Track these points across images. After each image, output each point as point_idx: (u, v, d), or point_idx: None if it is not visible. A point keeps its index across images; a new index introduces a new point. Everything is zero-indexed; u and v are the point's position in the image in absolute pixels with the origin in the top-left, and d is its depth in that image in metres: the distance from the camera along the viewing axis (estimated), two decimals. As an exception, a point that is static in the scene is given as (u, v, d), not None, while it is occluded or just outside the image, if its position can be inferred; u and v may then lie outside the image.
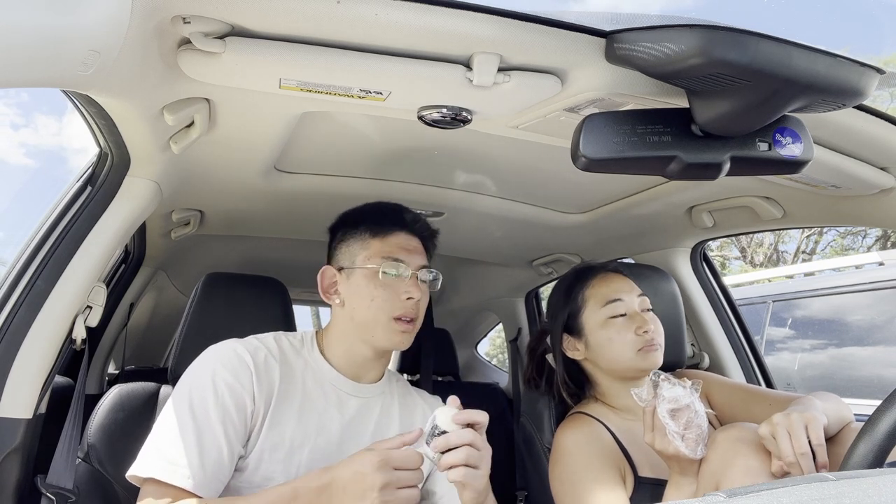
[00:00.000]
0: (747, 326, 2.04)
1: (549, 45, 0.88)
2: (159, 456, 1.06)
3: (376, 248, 1.25)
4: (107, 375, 2.42)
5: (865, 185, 1.25)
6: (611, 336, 1.40)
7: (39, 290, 1.17)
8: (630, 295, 1.44)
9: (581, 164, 0.90)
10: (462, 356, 3.19)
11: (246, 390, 1.13)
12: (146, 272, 2.23)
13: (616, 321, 1.41)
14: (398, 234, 1.27)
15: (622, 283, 1.46)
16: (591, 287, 1.47)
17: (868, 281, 4.32)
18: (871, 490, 0.56)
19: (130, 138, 1.12)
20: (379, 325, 1.21)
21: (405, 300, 1.20)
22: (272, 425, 1.15)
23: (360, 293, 1.22)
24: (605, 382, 1.46)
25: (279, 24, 0.84)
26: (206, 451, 1.07)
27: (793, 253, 13.73)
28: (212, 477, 1.06)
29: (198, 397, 1.11)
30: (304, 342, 1.29)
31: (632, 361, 1.38)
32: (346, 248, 1.29)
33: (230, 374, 1.13)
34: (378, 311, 1.20)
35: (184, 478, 1.04)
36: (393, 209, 1.32)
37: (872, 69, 0.82)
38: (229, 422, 1.10)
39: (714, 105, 0.86)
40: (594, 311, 1.44)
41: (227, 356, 1.16)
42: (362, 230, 1.28)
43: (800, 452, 1.06)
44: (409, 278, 1.22)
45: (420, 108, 1.04)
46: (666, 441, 1.15)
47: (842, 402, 1.34)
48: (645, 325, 1.38)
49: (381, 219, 1.29)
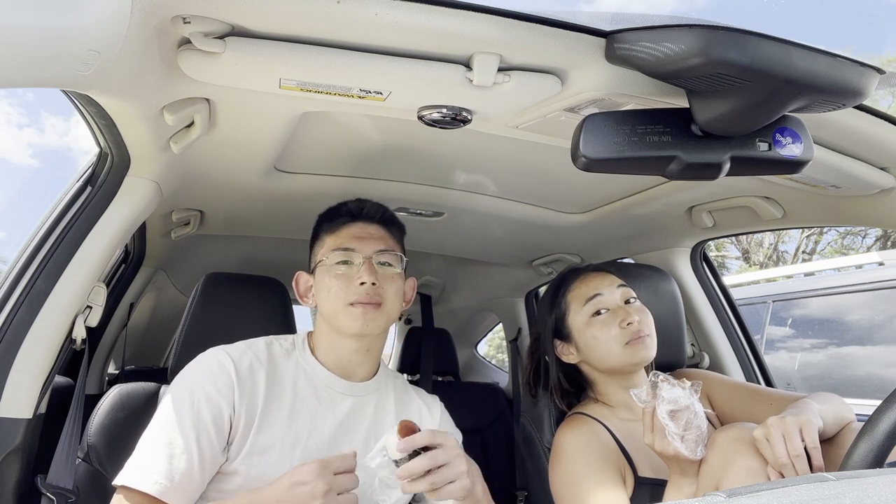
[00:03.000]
0: (747, 326, 2.04)
1: (549, 45, 0.88)
2: (133, 463, 1.09)
3: (329, 243, 1.29)
4: (107, 375, 2.42)
5: (865, 185, 1.25)
6: (595, 334, 1.40)
7: (39, 290, 1.17)
8: (610, 288, 1.43)
9: (581, 164, 0.90)
10: (462, 356, 3.20)
11: (224, 398, 1.15)
12: (146, 272, 2.23)
13: (598, 318, 1.40)
14: (349, 226, 1.30)
15: (601, 280, 1.46)
16: (572, 290, 1.47)
17: (868, 281, 4.32)
18: (871, 490, 0.56)
19: (130, 138, 1.12)
20: (340, 313, 1.23)
21: (358, 285, 1.22)
22: (261, 429, 1.16)
23: (322, 288, 1.26)
24: (602, 382, 1.46)
25: (279, 24, 0.83)
26: (175, 458, 1.09)
27: (793, 253, 13.73)
28: (179, 485, 1.08)
29: (175, 407, 1.13)
30: (296, 345, 1.31)
31: (621, 356, 1.37)
32: (312, 252, 1.35)
33: (209, 382, 1.16)
34: (335, 300, 1.23)
35: (151, 483, 1.06)
36: (342, 204, 1.35)
37: (872, 69, 0.82)
38: (203, 430, 1.12)
39: (714, 105, 0.86)
40: (577, 312, 1.44)
41: (209, 365, 1.19)
42: (320, 231, 1.34)
43: (794, 455, 1.06)
44: (362, 265, 1.24)
45: (420, 108, 1.04)
46: (665, 442, 1.15)
47: (843, 402, 1.34)
48: (628, 316, 1.37)
49: (332, 216, 1.34)
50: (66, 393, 1.35)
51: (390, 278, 1.26)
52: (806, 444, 1.08)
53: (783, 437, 1.08)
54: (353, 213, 1.32)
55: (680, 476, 1.19)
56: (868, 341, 4.28)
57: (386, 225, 1.34)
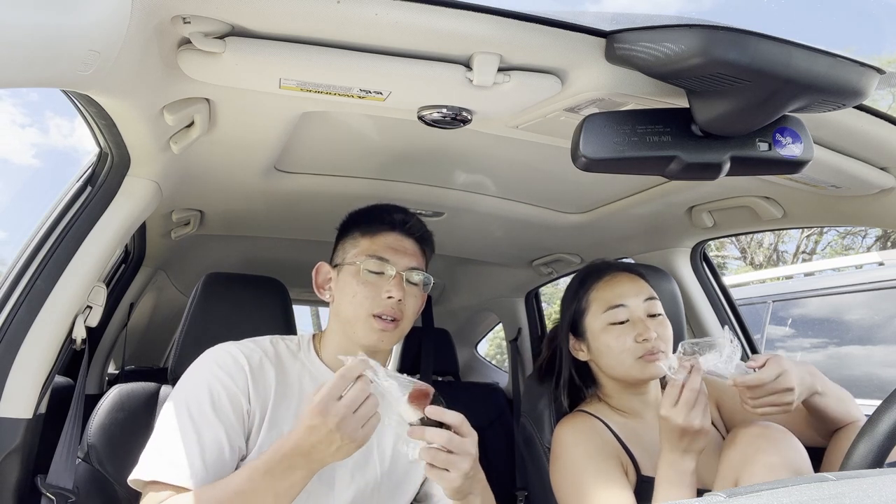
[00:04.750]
0: (747, 326, 2.04)
1: (549, 45, 0.88)
2: (161, 458, 1.07)
3: (364, 246, 1.26)
4: (107, 375, 2.42)
5: (865, 185, 1.25)
6: (609, 342, 1.36)
7: (39, 290, 1.17)
8: (636, 299, 1.37)
9: (581, 164, 0.90)
10: (462, 356, 3.19)
11: (241, 391, 1.14)
12: (146, 272, 2.23)
13: (616, 327, 1.36)
14: (388, 234, 1.27)
15: (629, 287, 1.39)
16: (596, 290, 1.42)
17: (868, 281, 4.32)
18: (871, 490, 0.56)
19: (130, 138, 1.12)
20: (359, 322, 1.21)
21: (385, 299, 1.20)
22: (271, 426, 1.16)
23: (345, 289, 1.24)
24: (610, 385, 1.44)
25: (279, 24, 0.83)
26: (206, 449, 1.07)
27: (793, 253, 13.73)
28: (214, 475, 1.07)
29: (194, 398, 1.12)
30: (301, 346, 1.30)
31: (631, 370, 1.34)
32: (341, 246, 1.32)
33: (226, 374, 1.14)
34: (358, 307, 1.21)
35: (186, 477, 1.04)
36: (385, 209, 1.33)
37: (872, 69, 0.82)
38: (227, 420, 1.11)
39: (714, 105, 0.86)
40: (596, 315, 1.39)
41: (223, 358, 1.17)
42: (355, 229, 1.31)
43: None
44: (393, 277, 1.22)
45: (420, 108, 1.04)
46: (695, 415, 1.14)
47: (853, 400, 1.35)
48: (646, 332, 1.31)
49: (372, 218, 1.31)
50: (66, 393, 1.35)
51: (413, 296, 1.26)
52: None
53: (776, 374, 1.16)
54: (396, 223, 1.29)
55: (682, 455, 1.17)
56: (868, 341, 4.28)
57: (421, 242, 1.32)
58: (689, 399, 1.14)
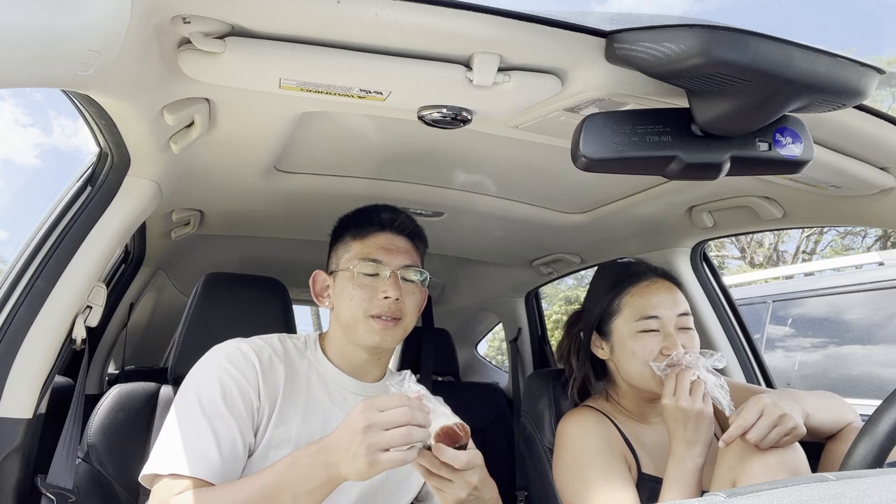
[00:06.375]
0: (747, 326, 2.04)
1: (549, 45, 0.88)
2: (176, 452, 1.06)
3: (356, 249, 1.27)
4: (107, 375, 2.42)
5: (865, 185, 1.25)
6: (634, 349, 1.34)
7: (39, 290, 1.17)
8: (670, 311, 1.34)
9: (581, 164, 0.90)
10: (462, 356, 3.19)
11: (251, 387, 1.15)
12: (146, 272, 2.23)
13: (644, 335, 1.34)
14: (379, 235, 1.28)
15: (665, 297, 1.36)
16: (631, 294, 1.39)
17: (868, 281, 4.32)
18: (871, 490, 0.56)
19: (130, 138, 1.12)
20: (359, 324, 1.22)
21: (382, 299, 1.21)
22: (278, 423, 1.16)
23: (342, 294, 1.25)
24: (624, 387, 1.43)
25: (279, 24, 0.83)
26: (221, 441, 1.08)
27: (793, 253, 13.74)
28: (229, 467, 1.08)
29: (206, 393, 1.12)
30: (308, 344, 1.31)
31: (650, 381, 1.32)
32: (334, 252, 1.33)
33: (237, 370, 1.15)
34: (356, 309, 1.22)
35: (205, 469, 1.05)
36: (372, 210, 1.33)
37: (872, 69, 0.82)
38: (238, 415, 1.12)
39: (714, 105, 0.86)
40: (627, 321, 1.37)
41: (233, 354, 1.18)
42: (346, 234, 1.31)
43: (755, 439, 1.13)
44: (388, 278, 1.22)
45: (420, 108, 1.04)
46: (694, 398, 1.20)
47: (843, 402, 1.34)
48: (673, 347, 1.29)
49: (362, 221, 1.31)
50: (66, 393, 1.35)
51: (412, 293, 1.26)
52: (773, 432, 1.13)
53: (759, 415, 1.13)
54: (385, 223, 1.29)
55: (688, 446, 1.20)
56: (868, 341, 4.28)
57: (413, 239, 1.32)
58: (685, 384, 1.20)
